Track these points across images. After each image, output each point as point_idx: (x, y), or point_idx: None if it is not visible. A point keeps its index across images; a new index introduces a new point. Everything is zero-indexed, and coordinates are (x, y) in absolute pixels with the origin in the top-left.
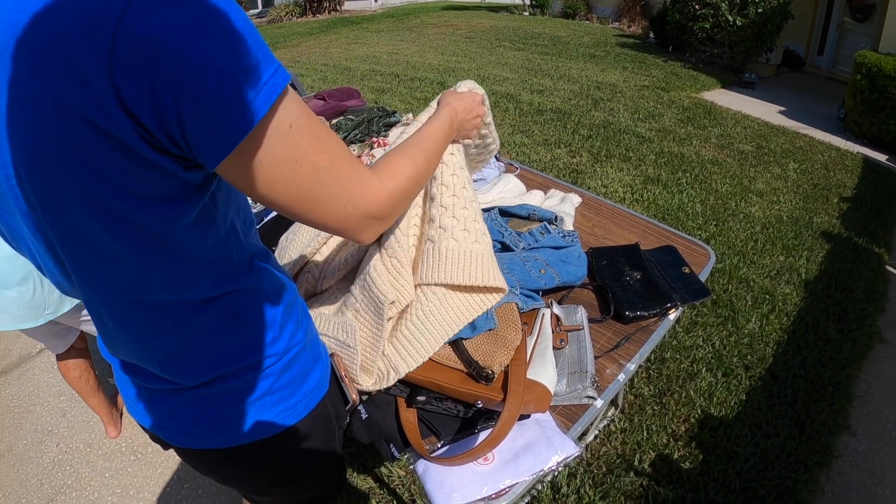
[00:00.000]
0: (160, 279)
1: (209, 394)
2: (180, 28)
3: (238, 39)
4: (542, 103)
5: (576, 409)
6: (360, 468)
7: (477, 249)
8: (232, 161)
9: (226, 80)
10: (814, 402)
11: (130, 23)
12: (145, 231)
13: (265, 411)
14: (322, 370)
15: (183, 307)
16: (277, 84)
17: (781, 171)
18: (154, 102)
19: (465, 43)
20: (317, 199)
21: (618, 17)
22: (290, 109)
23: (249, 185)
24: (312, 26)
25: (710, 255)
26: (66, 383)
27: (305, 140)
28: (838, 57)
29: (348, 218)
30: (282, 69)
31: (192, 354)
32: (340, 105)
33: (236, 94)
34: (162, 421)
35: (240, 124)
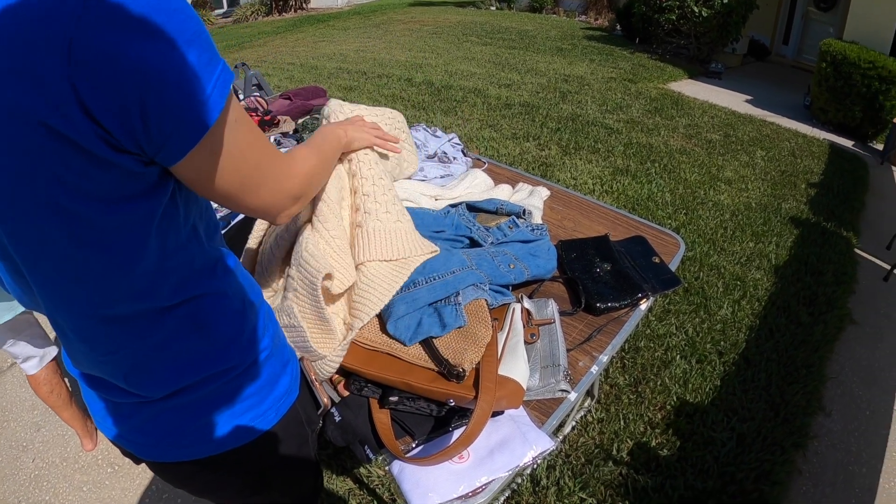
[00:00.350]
0: (121, 286)
1: (177, 405)
2: (138, 27)
3: (193, 38)
4: (510, 97)
5: (550, 403)
6: (339, 469)
7: (399, 227)
8: (193, 154)
9: (186, 79)
10: (787, 384)
11: (87, 27)
12: (106, 234)
13: (235, 419)
14: (291, 375)
15: (145, 317)
16: (227, 80)
17: (749, 159)
18: (117, 104)
19: (432, 39)
20: (255, 184)
21: (584, 10)
22: (233, 104)
23: (201, 178)
24: (279, 25)
25: (680, 244)
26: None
27: (246, 129)
28: (803, 46)
29: (277, 199)
30: (226, 65)
31: (158, 365)
32: (306, 104)
33: (197, 91)
34: (130, 435)
35: (202, 120)
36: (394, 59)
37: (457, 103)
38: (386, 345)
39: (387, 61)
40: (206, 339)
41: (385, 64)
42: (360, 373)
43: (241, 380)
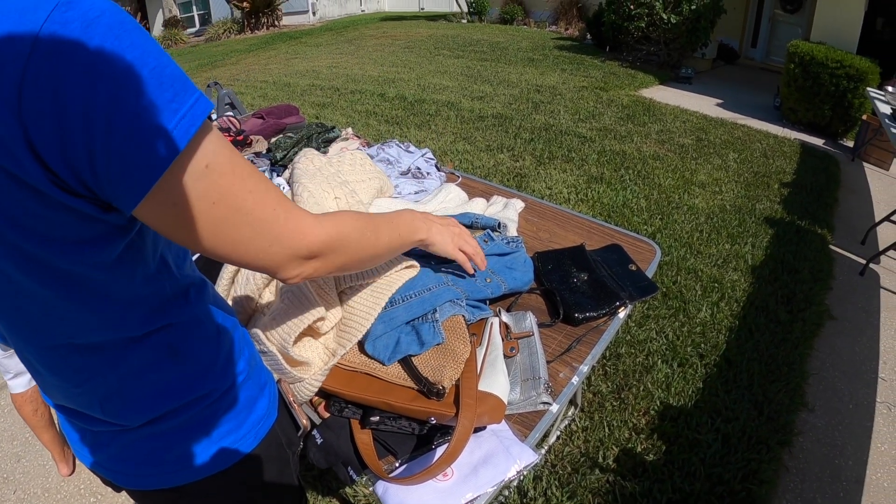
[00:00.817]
0: (89, 321)
1: (154, 432)
2: (89, 66)
3: (151, 74)
4: (482, 109)
5: (532, 416)
6: (325, 490)
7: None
8: (148, 203)
9: (137, 119)
10: (770, 383)
11: (37, 65)
12: (67, 274)
13: (214, 444)
14: (269, 397)
15: (117, 346)
16: (196, 117)
17: (722, 162)
18: (63, 146)
19: (404, 53)
20: (239, 240)
21: (555, 20)
22: (207, 147)
23: (166, 227)
24: (251, 43)
25: (656, 250)
26: (17, 427)
27: (225, 179)
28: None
29: (274, 257)
30: (202, 100)
31: (133, 393)
32: (279, 123)
33: (149, 132)
34: (109, 463)
35: (153, 165)
36: (366, 75)
37: (430, 117)
38: (365, 365)
39: (359, 77)
40: (180, 365)
41: (358, 79)
42: (340, 394)
43: (218, 404)
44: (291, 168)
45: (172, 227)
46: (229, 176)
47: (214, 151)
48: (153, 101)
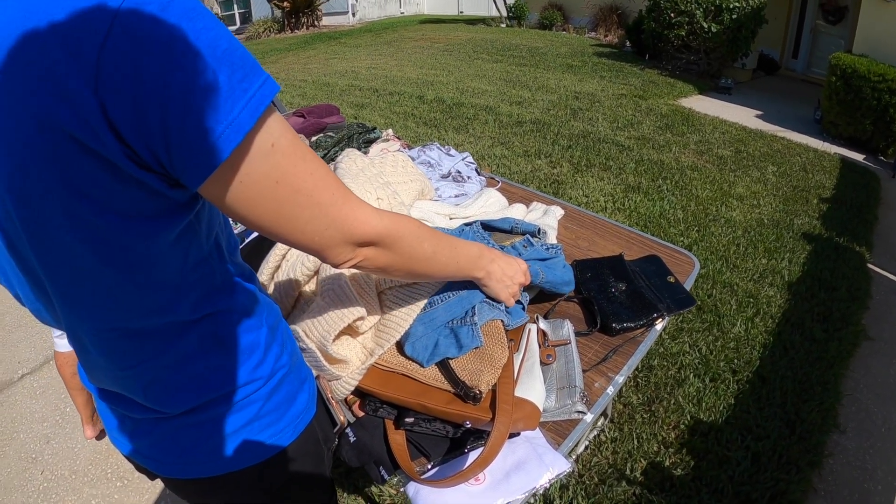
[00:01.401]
0: (143, 301)
1: (195, 422)
2: (167, 45)
3: (223, 56)
4: (521, 114)
5: (566, 425)
6: (351, 488)
7: None
8: (214, 180)
9: (211, 98)
10: (803, 402)
11: (115, 41)
12: (129, 250)
13: (253, 436)
14: (308, 392)
15: (166, 332)
16: (264, 97)
17: (760, 175)
18: (139, 121)
19: (443, 56)
20: (297, 220)
21: (594, 26)
22: (273, 128)
23: (229, 204)
24: (291, 42)
25: (695, 263)
26: (48, 410)
27: (288, 160)
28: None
29: (328, 239)
30: (269, 81)
31: (177, 380)
32: (320, 122)
33: (221, 110)
34: (147, 451)
35: (224, 142)
36: (405, 77)
37: (468, 121)
38: (402, 366)
39: (398, 78)
40: (225, 355)
41: (396, 81)
42: (376, 394)
43: (259, 396)
44: (333, 167)
45: (235, 205)
46: (292, 157)
47: (279, 132)
48: (226, 80)
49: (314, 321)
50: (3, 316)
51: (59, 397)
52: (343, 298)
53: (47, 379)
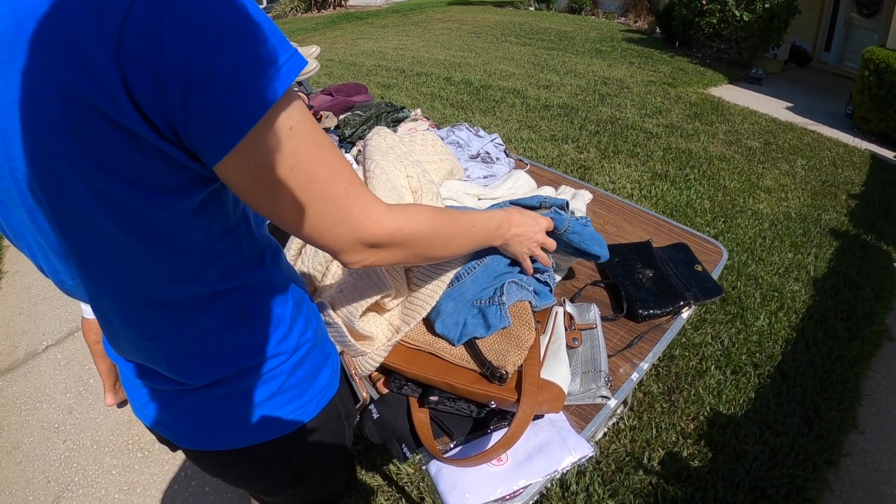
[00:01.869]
0: (167, 272)
1: (218, 394)
2: (189, 17)
3: (248, 29)
4: (548, 98)
5: (589, 409)
6: (369, 466)
7: None
8: (231, 159)
9: (233, 73)
10: (822, 400)
11: (139, 12)
12: (153, 220)
13: (276, 410)
14: (332, 368)
15: (190, 302)
16: (290, 72)
17: (789, 168)
18: (158, 94)
19: (470, 38)
20: (308, 210)
21: (624, 12)
22: (293, 110)
23: (243, 186)
24: (317, 22)
25: (723, 252)
26: (71, 380)
27: (305, 146)
28: (845, 53)
29: (338, 238)
30: (296, 57)
31: (201, 352)
32: (348, 100)
33: (244, 86)
34: (170, 423)
35: (244, 118)
36: (432, 58)
37: (495, 103)
38: (428, 344)
39: (426, 59)
40: (250, 328)
41: (424, 62)
42: (401, 371)
43: (283, 370)
44: (363, 145)
45: (248, 188)
46: (310, 143)
47: (299, 116)
48: (250, 56)
49: (342, 296)
50: (29, 288)
51: (83, 368)
52: (371, 275)
53: (71, 351)
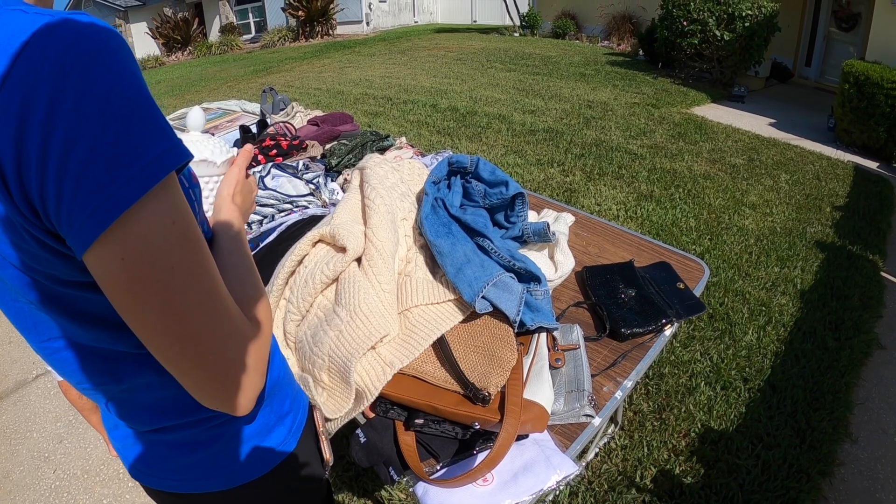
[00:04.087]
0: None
1: (164, 439)
2: (51, 98)
3: (117, 113)
4: (534, 123)
5: (574, 428)
6: (360, 492)
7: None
8: (95, 253)
9: (92, 160)
10: (814, 411)
11: (9, 91)
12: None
13: (219, 464)
14: (289, 427)
15: (119, 359)
16: (163, 165)
17: (773, 183)
18: (19, 179)
19: (456, 65)
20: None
21: (607, 35)
22: (172, 203)
23: (108, 285)
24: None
25: (704, 269)
26: (61, 409)
27: (186, 246)
28: (826, 67)
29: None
30: (174, 150)
31: (137, 405)
32: (334, 130)
33: (103, 174)
34: (126, 453)
35: (103, 209)
36: (419, 85)
37: (481, 129)
38: (413, 368)
39: (412, 87)
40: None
41: (410, 90)
42: (387, 395)
43: (225, 428)
44: (361, 171)
45: (114, 289)
46: (191, 243)
47: (179, 213)
48: (114, 141)
49: (340, 341)
50: None
51: None
52: (368, 314)
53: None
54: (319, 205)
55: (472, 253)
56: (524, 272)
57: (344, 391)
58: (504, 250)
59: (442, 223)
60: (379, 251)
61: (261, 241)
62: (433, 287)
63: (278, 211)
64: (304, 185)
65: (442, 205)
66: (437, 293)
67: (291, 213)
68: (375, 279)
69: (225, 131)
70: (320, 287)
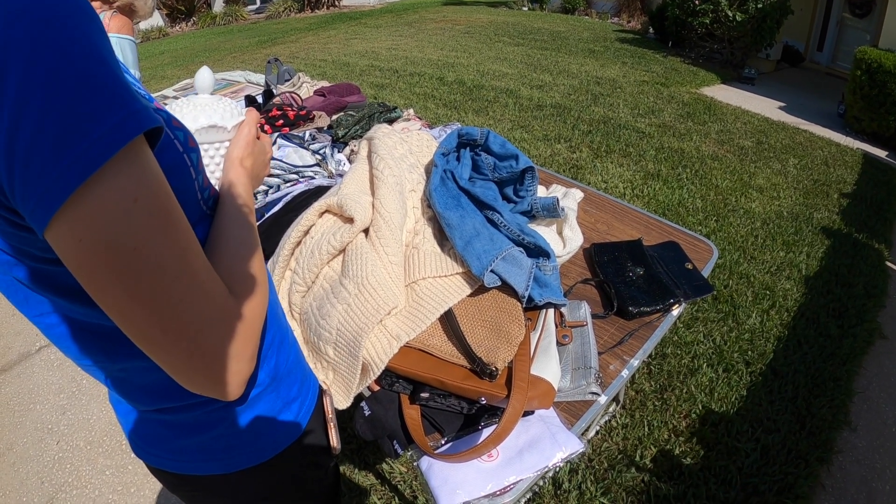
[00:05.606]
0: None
1: (164, 419)
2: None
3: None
4: (541, 98)
5: (579, 406)
6: (361, 465)
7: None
8: (52, 232)
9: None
10: (814, 397)
11: None
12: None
13: (221, 448)
14: (295, 414)
15: (113, 334)
16: (121, 135)
17: (781, 167)
18: None
19: (464, 38)
20: (154, 310)
21: (617, 12)
22: (134, 177)
23: (72, 266)
24: (311, 22)
25: (713, 250)
26: (64, 381)
27: (151, 222)
28: (838, 53)
29: (204, 355)
30: (134, 118)
31: (136, 383)
32: (340, 101)
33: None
34: (129, 430)
35: (58, 184)
36: (426, 58)
37: (488, 103)
38: (419, 341)
39: (419, 60)
40: None
41: (417, 62)
42: (393, 368)
43: (226, 412)
44: (369, 142)
45: (78, 270)
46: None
47: (145, 186)
48: (60, 117)
49: (349, 315)
50: None
51: (76, 369)
52: (376, 286)
53: None
54: (326, 175)
55: (482, 226)
56: (533, 246)
57: (350, 366)
58: (513, 224)
59: (451, 195)
60: (387, 222)
61: (266, 211)
62: (441, 260)
63: (284, 181)
64: (311, 156)
65: (451, 177)
66: (445, 266)
67: (297, 184)
68: (383, 250)
69: None
70: (327, 258)
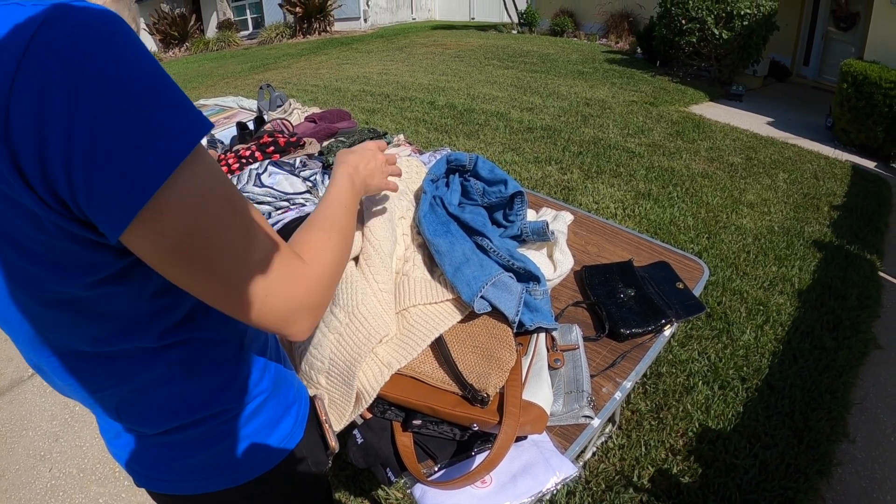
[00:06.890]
0: (95, 335)
1: (170, 441)
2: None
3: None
4: (532, 121)
5: (573, 429)
6: (357, 491)
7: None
8: (133, 233)
9: (119, 144)
10: (811, 410)
11: (22, 84)
12: (65, 293)
13: (230, 460)
14: (296, 418)
15: (131, 356)
16: (188, 141)
17: (771, 182)
18: (44, 169)
19: (454, 62)
20: (230, 284)
21: (605, 33)
22: (201, 175)
23: (154, 260)
24: (303, 47)
25: (704, 269)
26: (57, 407)
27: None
28: (824, 66)
29: (272, 310)
30: (197, 123)
31: (147, 404)
32: (331, 127)
33: (132, 157)
34: (128, 460)
35: (135, 191)
36: (416, 82)
37: (479, 126)
38: (411, 369)
39: (409, 84)
40: (197, 382)
41: (408, 87)
42: (384, 396)
43: (235, 423)
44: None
45: (161, 262)
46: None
47: (211, 180)
48: (138, 123)
49: (340, 345)
50: None
51: None
52: (367, 315)
53: None
54: (316, 202)
55: (471, 252)
56: (523, 272)
57: (345, 394)
58: (503, 249)
59: (440, 222)
60: (376, 250)
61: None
62: (431, 286)
63: (275, 209)
64: (302, 183)
65: (440, 203)
66: (436, 293)
67: (288, 211)
68: (373, 278)
69: (222, 128)
70: None
